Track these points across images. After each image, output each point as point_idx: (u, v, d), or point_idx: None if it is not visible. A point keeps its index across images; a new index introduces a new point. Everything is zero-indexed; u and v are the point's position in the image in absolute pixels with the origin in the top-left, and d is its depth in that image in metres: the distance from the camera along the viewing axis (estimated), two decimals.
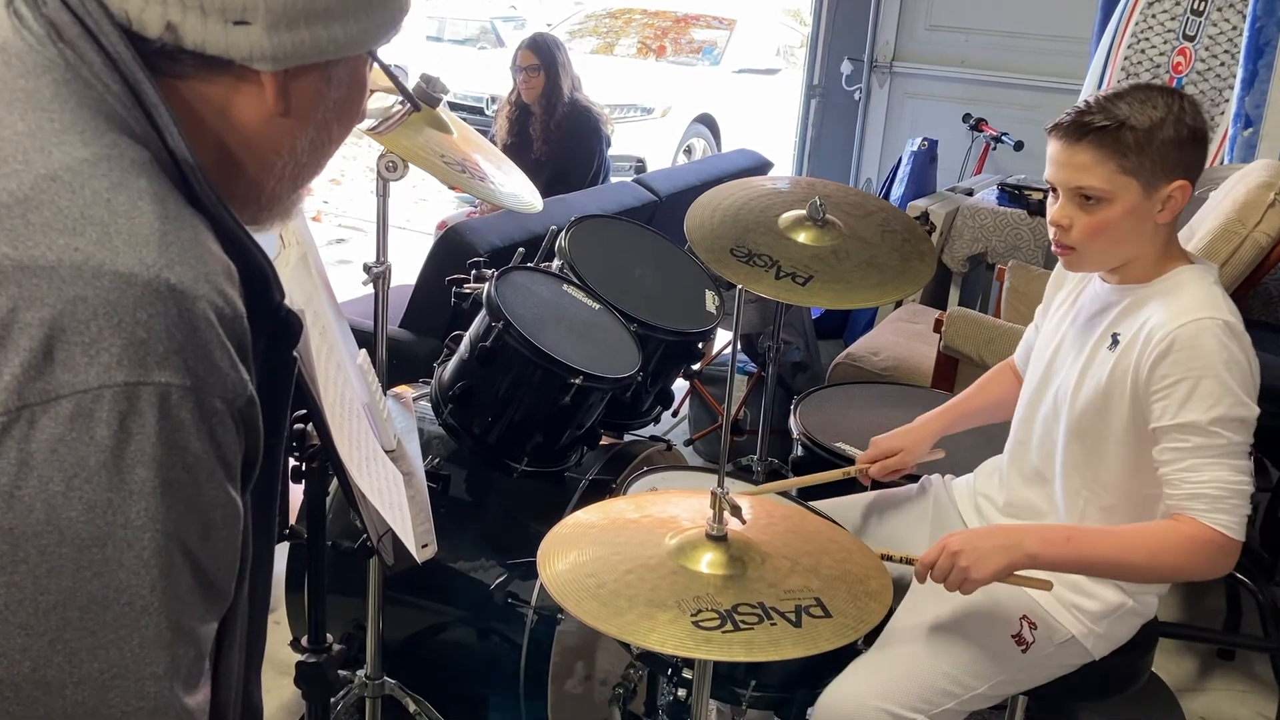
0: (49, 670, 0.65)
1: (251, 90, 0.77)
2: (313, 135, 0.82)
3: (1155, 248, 1.53)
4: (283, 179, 0.83)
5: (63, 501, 0.64)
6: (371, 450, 1.31)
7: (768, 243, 2.24)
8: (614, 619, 1.25)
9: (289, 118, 0.79)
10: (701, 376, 3.38)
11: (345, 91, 0.83)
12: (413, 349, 2.73)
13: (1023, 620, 1.59)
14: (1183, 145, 1.46)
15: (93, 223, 0.66)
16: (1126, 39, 3.87)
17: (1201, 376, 1.41)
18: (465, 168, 1.77)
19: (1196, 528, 1.41)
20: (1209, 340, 1.41)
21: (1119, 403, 1.51)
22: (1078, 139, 1.47)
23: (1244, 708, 2.55)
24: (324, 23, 0.76)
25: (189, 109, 0.76)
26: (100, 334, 0.64)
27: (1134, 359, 1.48)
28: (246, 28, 0.74)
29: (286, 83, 0.78)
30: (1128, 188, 1.46)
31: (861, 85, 5.27)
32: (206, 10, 0.73)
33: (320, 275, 1.36)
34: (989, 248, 3.85)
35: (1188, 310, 1.44)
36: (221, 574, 0.72)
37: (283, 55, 0.75)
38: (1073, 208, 1.50)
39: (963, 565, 1.43)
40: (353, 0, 0.77)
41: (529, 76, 4.02)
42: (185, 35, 0.73)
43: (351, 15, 0.78)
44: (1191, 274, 1.52)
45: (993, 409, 1.90)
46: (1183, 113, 1.45)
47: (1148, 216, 1.49)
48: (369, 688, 1.99)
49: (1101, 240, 1.51)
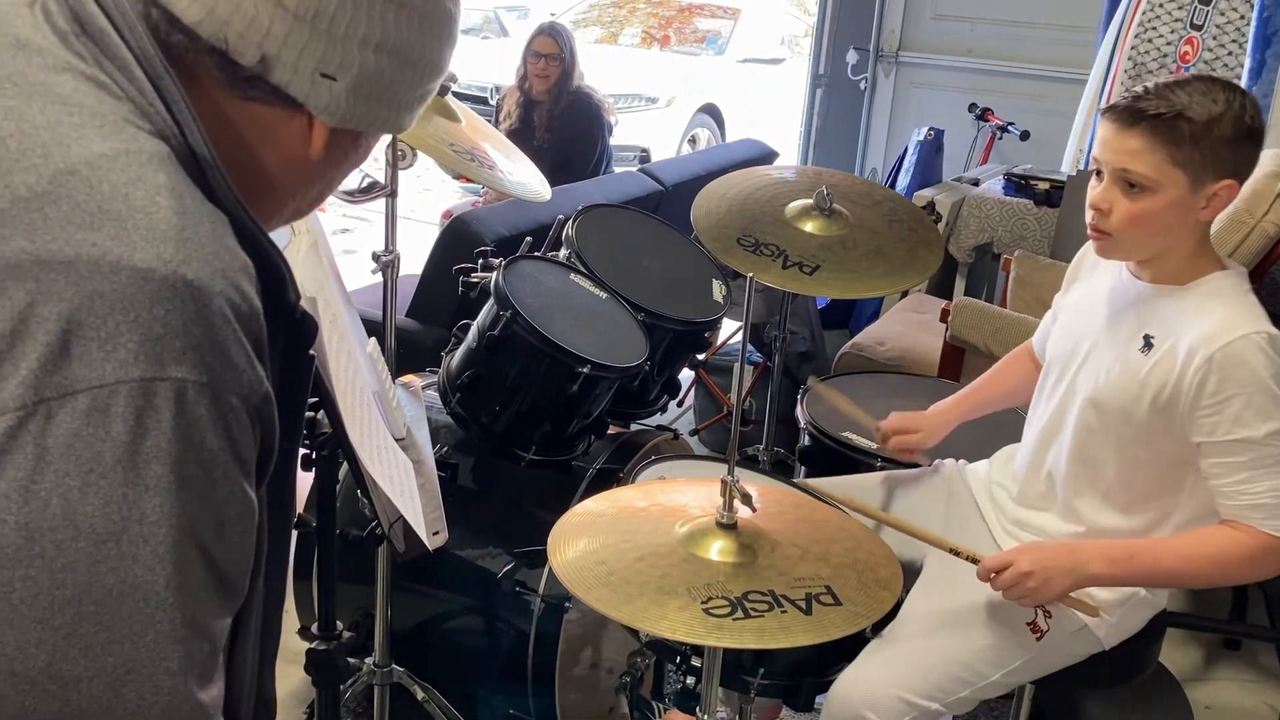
0: (64, 664, 0.65)
1: (298, 130, 0.80)
2: (323, 186, 0.87)
3: (1190, 245, 1.50)
4: (284, 219, 0.88)
5: (79, 496, 0.64)
6: (382, 438, 1.31)
7: (775, 232, 2.24)
8: (624, 606, 1.25)
9: (318, 166, 0.83)
10: (707, 366, 3.38)
11: (360, 156, 0.88)
12: (419, 338, 2.73)
13: (1038, 609, 1.59)
14: (1237, 143, 1.42)
15: (110, 217, 0.66)
16: (1134, 28, 3.85)
17: (1254, 393, 1.41)
18: (474, 156, 1.77)
19: (1257, 536, 1.44)
20: (1257, 356, 1.41)
21: (1147, 407, 1.50)
22: (1132, 124, 1.43)
23: (1250, 697, 2.55)
24: (389, 104, 0.81)
25: (233, 128, 0.78)
26: (117, 329, 0.64)
27: (1175, 373, 1.46)
28: (332, 83, 0.77)
29: (333, 137, 0.81)
30: (1175, 179, 1.43)
31: (867, 75, 5.25)
32: (304, 54, 0.75)
33: (330, 264, 1.36)
34: (995, 238, 3.84)
35: (1231, 325, 1.43)
36: (236, 569, 0.73)
37: (350, 116, 0.80)
38: (1116, 192, 1.47)
39: (1030, 586, 1.47)
40: (414, 95, 0.83)
41: (548, 64, 3.98)
42: (275, 70, 0.75)
43: (407, 106, 0.84)
44: (1226, 281, 1.50)
45: (1011, 395, 1.90)
46: (1243, 110, 1.42)
47: (1190, 212, 1.46)
48: (377, 675, 2.00)
49: (1140, 230, 1.47)
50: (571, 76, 4.00)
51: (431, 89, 0.85)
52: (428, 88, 0.84)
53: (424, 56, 0.81)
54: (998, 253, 3.84)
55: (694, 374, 3.34)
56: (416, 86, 0.82)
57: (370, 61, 0.78)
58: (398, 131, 0.86)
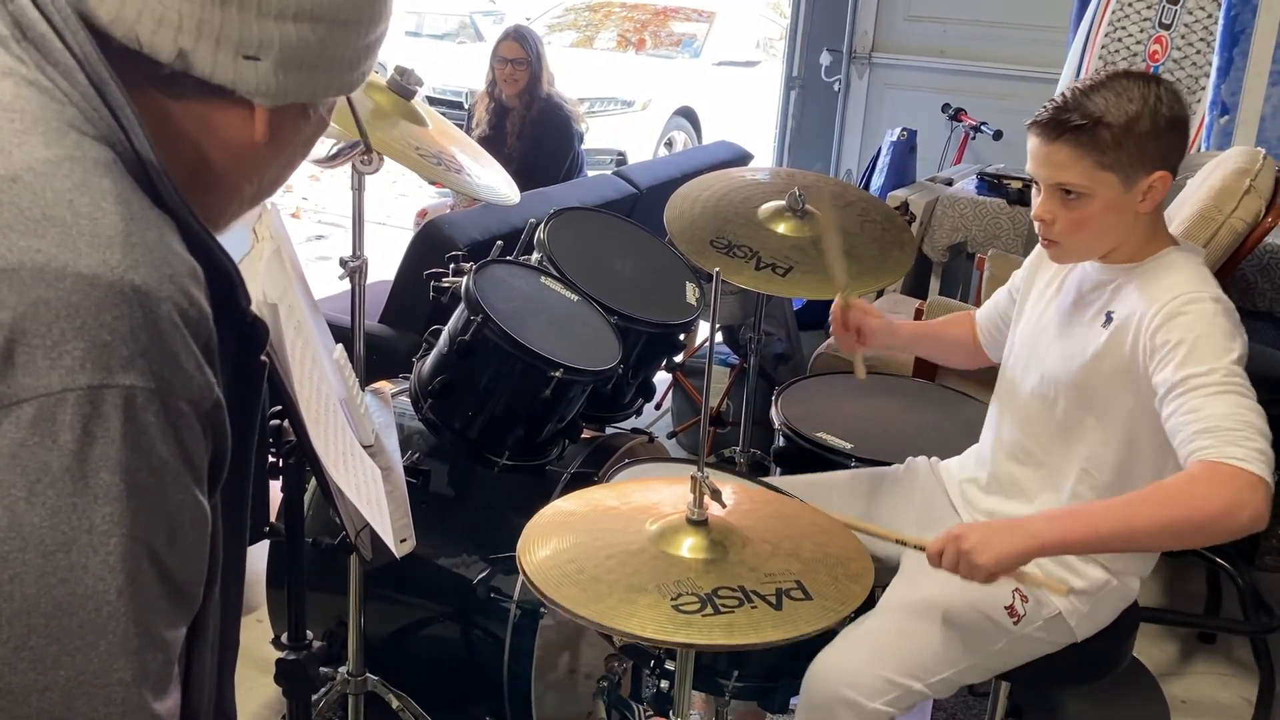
0: (14, 678, 0.64)
1: (240, 115, 0.78)
2: (280, 165, 0.85)
3: (1141, 232, 1.54)
4: (244, 203, 0.85)
5: (25, 507, 0.63)
6: (348, 445, 1.30)
7: (748, 234, 2.24)
8: (593, 604, 1.25)
9: (267, 148, 0.81)
10: (683, 368, 3.38)
11: (315, 129, 0.85)
12: (393, 344, 2.71)
13: (1015, 593, 1.60)
14: (1160, 136, 1.46)
15: (55, 224, 0.65)
16: (1104, 28, 3.88)
17: (1200, 336, 1.40)
18: (441, 160, 1.76)
19: (1207, 467, 1.31)
20: (1205, 308, 1.43)
21: (1116, 379, 1.51)
22: (1055, 137, 1.47)
23: (1225, 690, 2.57)
24: (324, 69, 0.79)
25: (174, 126, 0.77)
26: (63, 336, 0.63)
27: (1131, 334, 1.48)
28: (256, 63, 0.75)
29: (275, 116, 0.79)
30: (1106, 182, 1.47)
31: (841, 76, 5.27)
32: (220, 41, 0.73)
33: (295, 269, 1.34)
34: (969, 237, 3.85)
35: (1181, 286, 1.46)
36: (189, 578, 0.71)
37: (284, 93, 0.78)
38: (1054, 202, 1.51)
39: (965, 548, 1.39)
40: (351, 53, 0.80)
41: (515, 70, 3.93)
42: (195, 63, 0.74)
43: (348, 66, 0.81)
44: (1180, 255, 1.54)
45: (948, 347, 1.97)
46: (1159, 103, 1.45)
47: (1128, 209, 1.50)
48: (351, 684, 1.98)
49: (1084, 234, 1.52)
50: (541, 80, 3.97)
51: (374, 39, 0.82)
52: (367, 40, 0.81)
53: (349, 13, 0.78)
54: (972, 252, 3.86)
55: (671, 377, 3.34)
56: (351, 43, 0.80)
57: (291, 33, 0.75)
58: (348, 90, 0.84)
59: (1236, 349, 1.41)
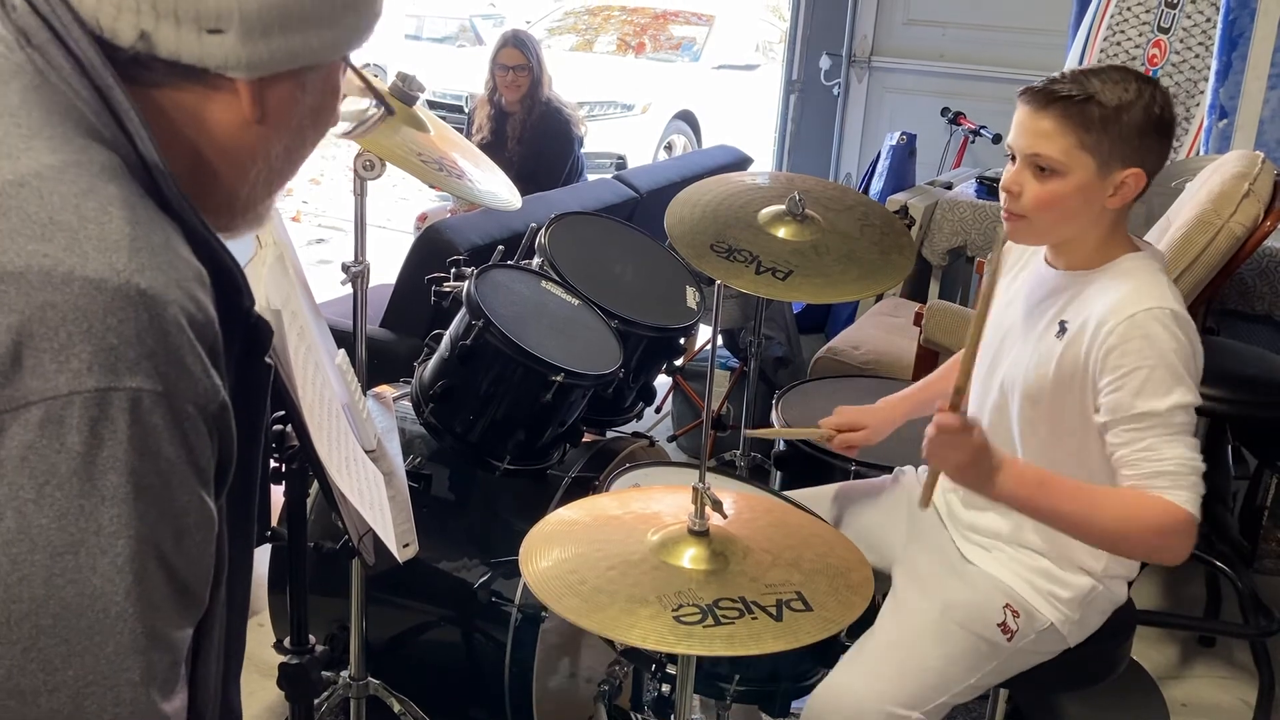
0: (23, 679, 0.64)
1: (226, 98, 0.77)
2: (288, 141, 0.83)
3: (1100, 231, 1.52)
4: (257, 185, 0.84)
5: (34, 509, 0.64)
6: (351, 450, 1.30)
7: (748, 238, 2.24)
8: (595, 615, 1.25)
9: (264, 125, 0.79)
10: (684, 372, 3.38)
11: (319, 97, 0.83)
12: (394, 348, 2.72)
13: (1006, 609, 1.60)
14: (1145, 133, 1.45)
15: (61, 228, 0.66)
16: (1102, 31, 3.89)
17: (1155, 366, 1.40)
18: (442, 165, 1.77)
19: (1165, 506, 1.39)
20: (1158, 330, 1.41)
21: (1069, 392, 1.50)
22: (1044, 105, 1.47)
23: (1225, 694, 2.57)
24: (298, 30, 0.76)
25: (164, 117, 0.76)
26: (70, 340, 0.64)
27: (1084, 348, 1.47)
28: (221, 36, 0.73)
29: (262, 90, 0.78)
30: (1083, 163, 1.46)
31: (840, 80, 5.28)
32: (180, 18, 0.72)
33: (298, 275, 1.35)
34: (968, 240, 3.86)
35: (1136, 299, 1.44)
36: (196, 579, 0.72)
37: (258, 63, 0.75)
38: (1026, 175, 1.50)
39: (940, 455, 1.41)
40: (326, 8, 0.77)
41: (516, 76, 3.92)
42: (159, 44, 0.73)
43: (325, 22, 0.77)
44: (1137, 262, 1.52)
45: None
46: (1152, 101, 1.45)
47: (1097, 198, 1.48)
48: (353, 688, 1.99)
49: (1049, 213, 1.50)
50: (542, 85, 3.97)
51: None
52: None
53: None
54: (971, 255, 3.87)
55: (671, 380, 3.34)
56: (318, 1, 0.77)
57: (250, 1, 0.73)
58: (338, 52, 0.80)
59: (1188, 377, 1.42)
